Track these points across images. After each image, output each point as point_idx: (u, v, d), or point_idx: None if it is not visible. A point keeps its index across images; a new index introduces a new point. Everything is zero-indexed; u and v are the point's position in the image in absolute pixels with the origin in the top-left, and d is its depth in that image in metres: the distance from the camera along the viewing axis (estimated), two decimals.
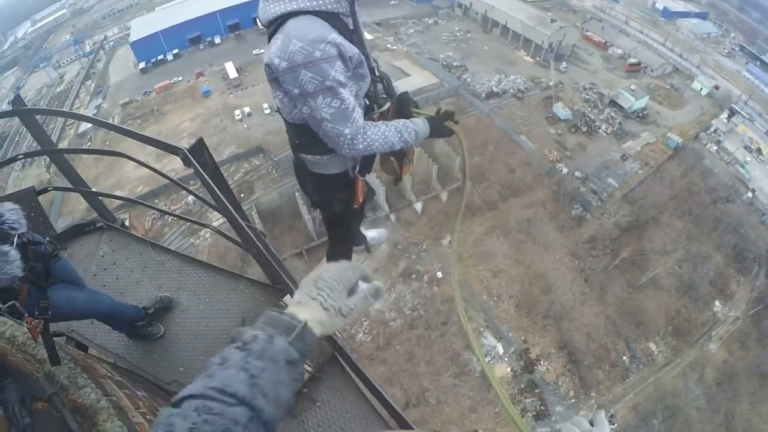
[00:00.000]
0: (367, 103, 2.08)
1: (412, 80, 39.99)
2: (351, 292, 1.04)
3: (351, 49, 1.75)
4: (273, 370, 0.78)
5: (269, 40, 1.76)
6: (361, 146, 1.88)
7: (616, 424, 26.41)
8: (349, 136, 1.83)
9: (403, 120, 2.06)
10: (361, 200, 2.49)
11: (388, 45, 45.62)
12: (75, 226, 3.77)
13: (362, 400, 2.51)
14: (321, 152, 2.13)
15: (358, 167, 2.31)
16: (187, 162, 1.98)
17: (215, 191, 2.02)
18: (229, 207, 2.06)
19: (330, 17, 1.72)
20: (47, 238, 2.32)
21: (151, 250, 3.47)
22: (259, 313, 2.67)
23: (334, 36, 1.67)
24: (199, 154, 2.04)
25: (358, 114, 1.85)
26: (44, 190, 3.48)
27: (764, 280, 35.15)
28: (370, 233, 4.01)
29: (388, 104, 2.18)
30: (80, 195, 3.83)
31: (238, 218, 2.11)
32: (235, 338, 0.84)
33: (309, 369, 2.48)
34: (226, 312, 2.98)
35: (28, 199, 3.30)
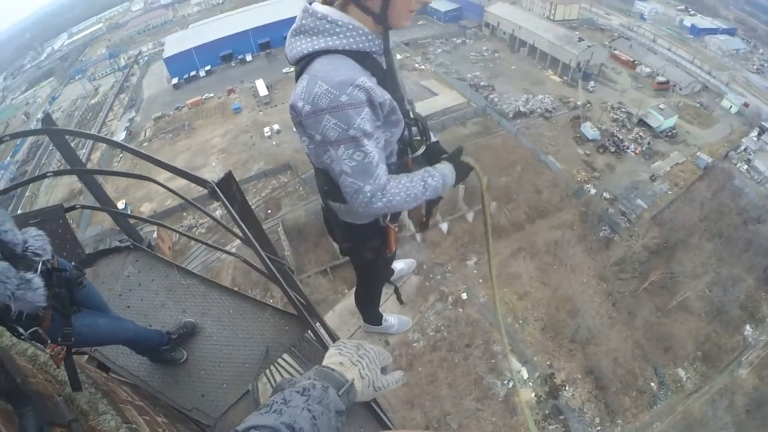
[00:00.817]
0: (400, 146, 2.00)
1: (439, 100, 40.37)
2: (383, 371, 1.15)
3: (382, 95, 1.63)
4: (328, 416, 0.88)
5: (296, 80, 1.66)
6: (379, 204, 1.75)
7: None
8: (369, 194, 1.71)
9: (426, 169, 1.91)
10: (393, 248, 2.38)
11: (416, 65, 46.15)
12: (101, 251, 3.72)
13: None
14: (344, 200, 1.97)
15: (389, 216, 2.22)
16: (214, 195, 1.91)
17: (243, 227, 1.94)
18: (255, 243, 1.96)
19: (361, 57, 1.62)
20: (72, 263, 2.29)
21: (177, 273, 3.43)
22: (283, 343, 2.82)
23: (364, 79, 1.55)
24: (227, 187, 1.98)
25: (382, 171, 1.73)
26: (72, 208, 3.46)
27: None
28: (398, 265, 3.87)
29: (422, 148, 2.06)
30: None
31: (264, 255, 2.01)
32: (284, 384, 0.95)
33: None
34: (250, 341, 2.93)
35: (56, 216, 3.33)
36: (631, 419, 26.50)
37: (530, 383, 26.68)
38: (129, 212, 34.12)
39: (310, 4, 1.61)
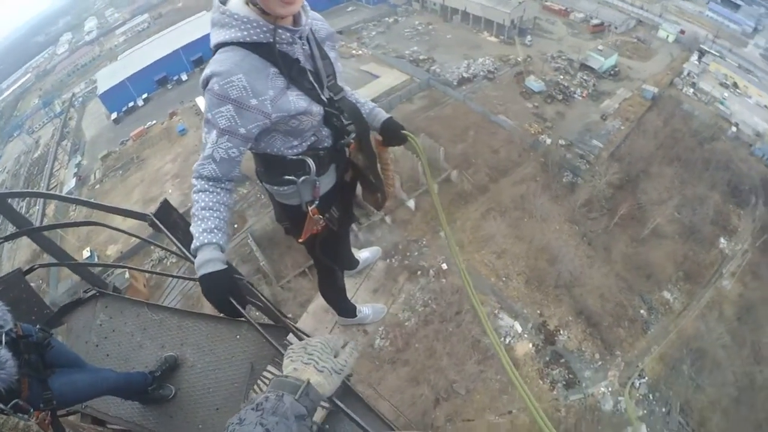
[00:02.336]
0: (333, 132, 1.96)
1: (382, 81, 40.09)
2: (337, 353, 1.16)
3: (259, 99, 1.62)
4: (285, 424, 0.88)
5: None
6: (193, 181, 1.77)
7: (645, 379, 26.49)
8: (194, 168, 1.74)
9: (195, 231, 1.70)
10: (307, 236, 2.22)
11: (353, 51, 45.68)
12: (66, 305, 3.65)
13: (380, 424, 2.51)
14: (278, 183, 2.01)
15: (317, 202, 2.10)
16: (155, 227, 1.95)
17: (187, 254, 1.90)
18: None
19: (263, 49, 1.61)
20: (38, 326, 2.26)
21: (147, 311, 3.41)
22: (265, 356, 2.79)
23: (240, 77, 1.56)
24: (166, 216, 2.02)
25: (209, 164, 1.69)
26: (30, 270, 3.44)
27: (763, 208, 35.46)
28: (363, 254, 3.80)
29: (352, 136, 2.02)
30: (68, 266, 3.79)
31: None
32: (247, 402, 0.95)
33: (326, 406, 2.43)
34: (233, 360, 2.95)
35: (16, 281, 3.29)
36: (628, 348, 26.93)
37: (525, 335, 26.83)
38: (96, 259, 33.13)
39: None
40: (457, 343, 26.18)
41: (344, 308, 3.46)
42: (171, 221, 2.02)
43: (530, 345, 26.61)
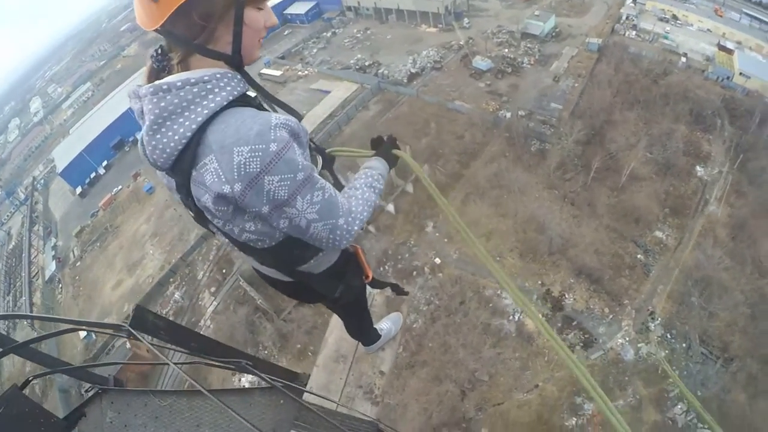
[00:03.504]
0: None
1: (334, 95, 40.08)
2: None
3: (290, 120, 1.37)
4: None
5: (184, 184, 1.34)
6: (355, 228, 1.60)
7: (658, 320, 26.67)
8: (344, 226, 1.55)
9: (365, 172, 1.87)
10: (369, 270, 2.19)
11: (299, 72, 45.62)
12: (69, 414, 3.54)
13: None
14: (315, 253, 1.81)
15: None
16: (134, 337, 1.80)
17: (182, 350, 1.86)
18: (203, 356, 1.95)
19: (244, 100, 1.39)
20: None
21: (153, 398, 3.32)
22: (284, 418, 2.56)
23: (271, 116, 1.31)
24: (143, 322, 1.84)
25: (339, 195, 1.57)
26: (26, 383, 3.35)
27: (730, 128, 36.24)
28: (383, 324, 3.57)
29: (320, 162, 1.93)
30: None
31: (214, 362, 2.00)
32: None
33: None
34: (253, 430, 2.84)
35: (14, 398, 3.16)
36: (635, 295, 27.14)
37: (532, 308, 26.77)
38: (93, 337, 32.33)
39: (139, 88, 1.31)
40: (469, 332, 26.15)
41: (372, 335, 3.37)
42: (149, 325, 1.86)
43: (540, 316, 26.49)
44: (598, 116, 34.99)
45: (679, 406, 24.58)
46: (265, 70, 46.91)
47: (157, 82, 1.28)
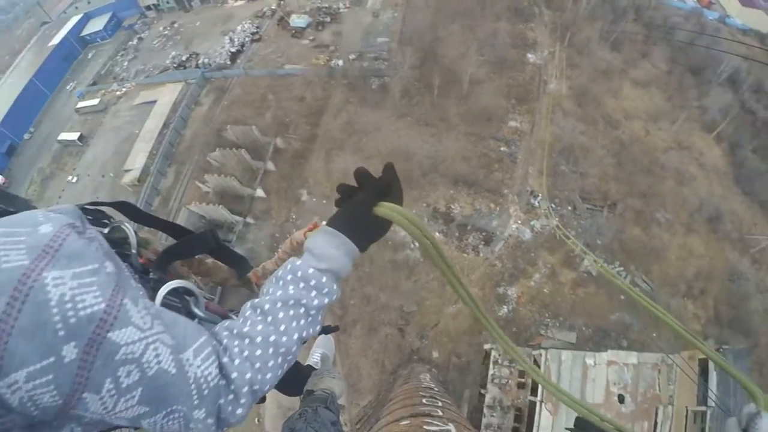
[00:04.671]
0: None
1: (161, 103, 36.95)
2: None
3: (38, 216, 0.83)
4: (326, 428, 1.15)
5: None
6: (240, 411, 1.08)
7: (539, 196, 28.45)
8: (209, 419, 1.01)
9: (288, 268, 1.23)
10: None
11: (117, 93, 41.42)
12: None
13: None
14: None
15: None
16: None
17: None
18: None
19: None
20: None
21: None
22: None
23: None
24: None
25: (193, 356, 1.00)
26: None
27: (548, 11, 39.05)
28: (315, 356, 2.99)
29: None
30: None
31: None
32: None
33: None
34: None
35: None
36: (511, 183, 29.15)
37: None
38: None
39: None
40: (380, 275, 26.48)
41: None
42: None
43: (437, 234, 27.32)
44: (425, 37, 35.60)
45: (585, 261, 26.80)
46: (80, 104, 42.05)
47: None
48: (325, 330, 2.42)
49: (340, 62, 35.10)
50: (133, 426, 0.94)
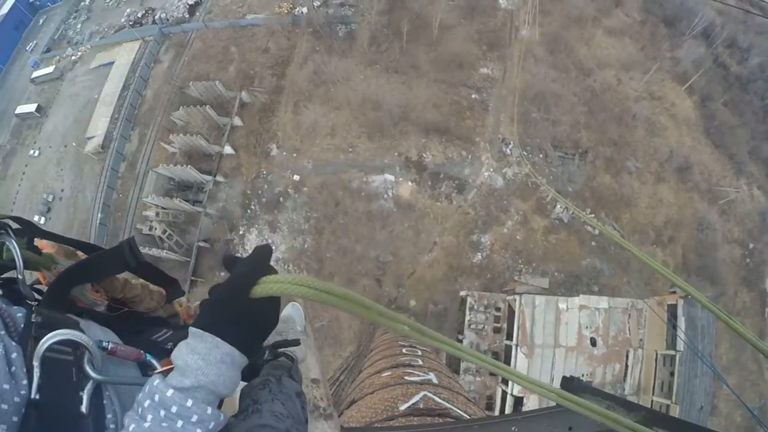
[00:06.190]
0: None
1: (120, 63, 35.19)
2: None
3: None
4: (292, 401, 1.04)
5: None
6: None
7: (511, 143, 28.20)
8: None
9: (151, 394, 0.91)
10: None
11: (73, 57, 38.94)
12: None
13: None
14: None
15: None
16: None
17: None
18: None
19: None
20: None
21: None
22: None
23: None
24: None
25: None
26: None
27: None
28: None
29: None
30: None
31: None
32: (245, 390, 1.02)
33: None
34: None
35: None
36: (483, 131, 29.10)
37: (400, 179, 27.51)
38: None
39: None
40: (356, 227, 26.48)
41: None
42: None
43: (409, 183, 27.16)
44: None
45: (558, 207, 26.85)
46: (36, 73, 39.88)
47: None
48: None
49: (305, 10, 33.60)
50: None
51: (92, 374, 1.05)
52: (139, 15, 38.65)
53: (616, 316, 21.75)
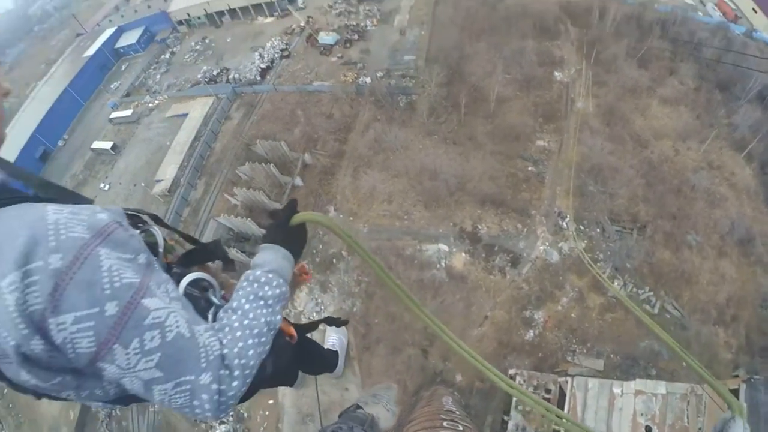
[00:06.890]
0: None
1: (193, 116, 37.81)
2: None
3: (86, 210, 1.14)
4: None
5: None
6: (235, 388, 1.27)
7: (567, 217, 28.23)
8: (213, 388, 1.20)
9: (248, 277, 1.63)
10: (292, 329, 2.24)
11: (150, 104, 42.53)
12: None
13: None
14: None
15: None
16: None
17: None
18: None
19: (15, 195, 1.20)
20: None
21: None
22: None
23: (47, 210, 1.05)
24: None
25: (201, 329, 1.30)
26: None
27: (575, 29, 39.19)
28: (331, 339, 3.65)
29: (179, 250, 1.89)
30: None
31: None
32: None
33: None
34: None
35: None
36: (539, 203, 28.96)
37: (454, 249, 27.42)
38: None
39: None
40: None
41: (330, 359, 3.31)
42: None
43: (463, 254, 27.21)
44: (452, 55, 35.86)
45: (616, 283, 26.43)
46: (114, 114, 43.35)
47: None
48: (336, 323, 3.01)
49: (368, 79, 35.52)
50: (145, 394, 1.18)
51: (216, 301, 1.71)
52: (215, 73, 41.69)
53: (674, 402, 20.71)
